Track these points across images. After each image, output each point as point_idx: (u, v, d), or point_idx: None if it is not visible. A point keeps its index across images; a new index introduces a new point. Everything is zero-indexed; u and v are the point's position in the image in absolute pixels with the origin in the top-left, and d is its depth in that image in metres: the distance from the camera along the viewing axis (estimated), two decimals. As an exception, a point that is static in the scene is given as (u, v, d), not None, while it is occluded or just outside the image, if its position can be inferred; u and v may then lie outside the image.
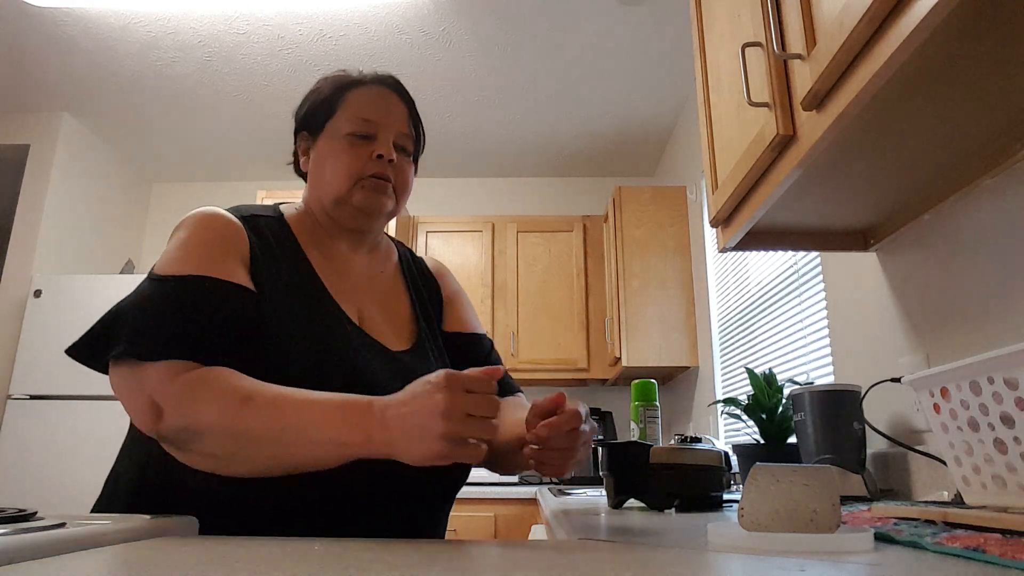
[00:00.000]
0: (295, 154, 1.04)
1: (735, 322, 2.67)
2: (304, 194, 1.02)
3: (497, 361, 1.11)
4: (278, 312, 0.85)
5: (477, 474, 2.95)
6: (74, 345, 0.80)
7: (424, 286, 1.10)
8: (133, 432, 0.88)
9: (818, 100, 0.88)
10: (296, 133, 1.03)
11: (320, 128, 0.98)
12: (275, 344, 0.82)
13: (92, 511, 0.83)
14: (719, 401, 1.68)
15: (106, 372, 0.80)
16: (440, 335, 1.06)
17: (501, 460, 0.95)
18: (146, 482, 0.81)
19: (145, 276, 0.84)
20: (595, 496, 1.62)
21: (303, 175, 1.03)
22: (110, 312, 0.82)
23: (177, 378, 0.73)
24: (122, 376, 0.78)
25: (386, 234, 1.13)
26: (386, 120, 0.98)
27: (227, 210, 0.92)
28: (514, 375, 3.58)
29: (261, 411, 0.71)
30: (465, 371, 0.67)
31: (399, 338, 0.98)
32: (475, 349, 1.08)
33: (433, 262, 1.17)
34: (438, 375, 0.67)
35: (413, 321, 1.03)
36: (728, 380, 2.78)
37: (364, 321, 0.95)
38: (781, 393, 1.49)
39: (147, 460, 0.81)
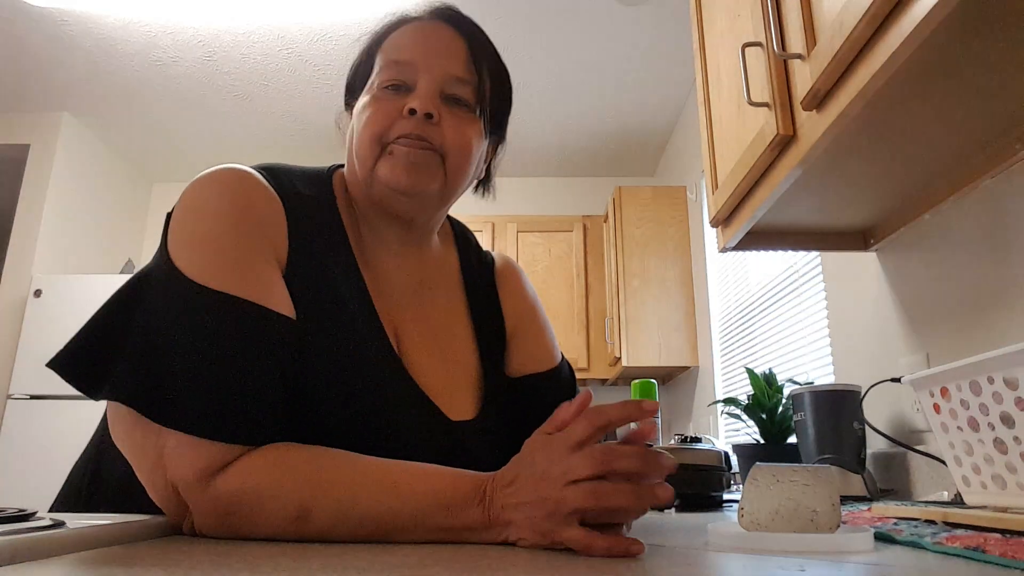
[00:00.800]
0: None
1: (735, 322, 2.67)
2: None
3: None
4: (316, 350, 0.65)
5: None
6: (59, 356, 0.60)
7: (487, 309, 0.84)
8: (100, 438, 0.72)
9: (818, 100, 0.88)
10: (346, 105, 0.80)
11: (360, 91, 0.76)
12: (307, 393, 0.63)
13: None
14: (719, 401, 1.68)
15: (94, 398, 0.60)
16: (504, 381, 0.82)
17: None
18: (104, 500, 0.68)
19: (158, 252, 0.63)
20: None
21: None
22: (114, 305, 0.62)
23: (211, 482, 0.55)
24: (126, 428, 0.59)
25: (450, 218, 0.88)
26: (427, 59, 0.71)
27: (264, 174, 0.69)
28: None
29: (325, 517, 0.54)
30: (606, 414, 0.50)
31: (459, 395, 0.75)
32: (547, 389, 0.82)
33: (502, 264, 0.89)
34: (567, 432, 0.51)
35: (478, 369, 0.78)
36: (728, 380, 2.78)
37: (403, 349, 0.73)
38: (781, 393, 1.49)
39: (100, 469, 0.68)
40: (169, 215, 0.65)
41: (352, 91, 0.78)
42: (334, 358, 0.65)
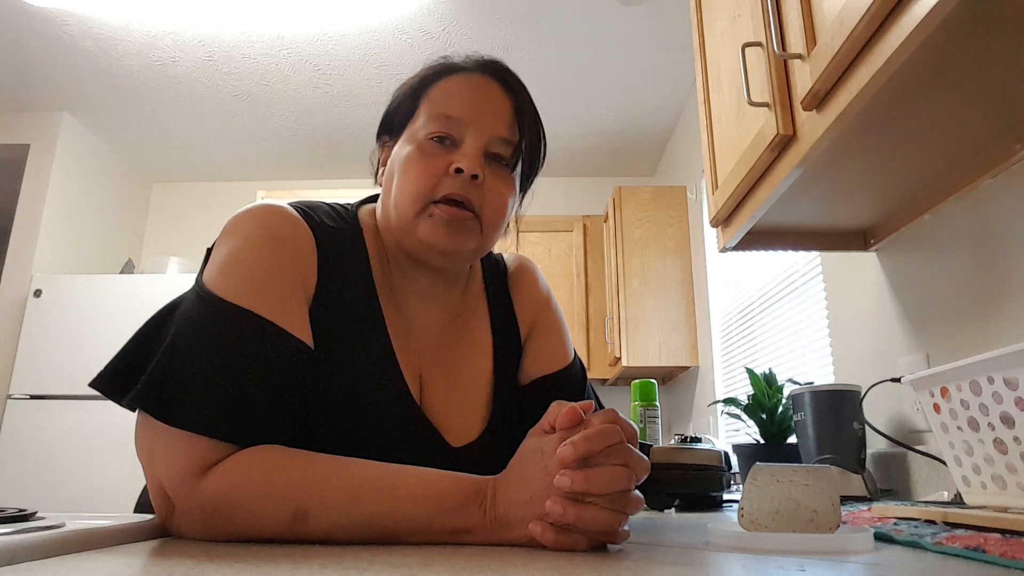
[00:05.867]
0: (376, 163, 0.81)
1: (735, 322, 2.67)
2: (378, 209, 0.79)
3: (590, 398, 0.85)
4: (329, 376, 0.67)
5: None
6: (99, 375, 0.62)
7: (504, 319, 0.84)
8: None
9: (818, 100, 0.88)
10: (378, 137, 0.81)
11: (400, 131, 0.76)
12: (315, 414, 0.65)
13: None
14: (719, 401, 1.68)
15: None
16: (515, 393, 0.82)
17: None
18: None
19: (195, 280, 0.67)
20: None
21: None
22: (149, 323, 0.65)
23: (198, 481, 0.55)
24: (136, 429, 0.61)
25: None
26: (476, 117, 0.72)
27: (297, 209, 0.71)
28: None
29: (323, 518, 0.53)
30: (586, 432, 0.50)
31: (467, 419, 0.75)
32: (557, 391, 0.80)
33: (515, 267, 0.89)
34: (552, 438, 0.53)
35: (490, 387, 0.79)
36: (728, 380, 2.78)
37: (425, 396, 0.73)
38: (781, 393, 1.49)
39: None
40: (209, 250, 0.69)
41: (389, 128, 0.78)
42: (343, 392, 0.67)
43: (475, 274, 0.85)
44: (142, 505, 0.80)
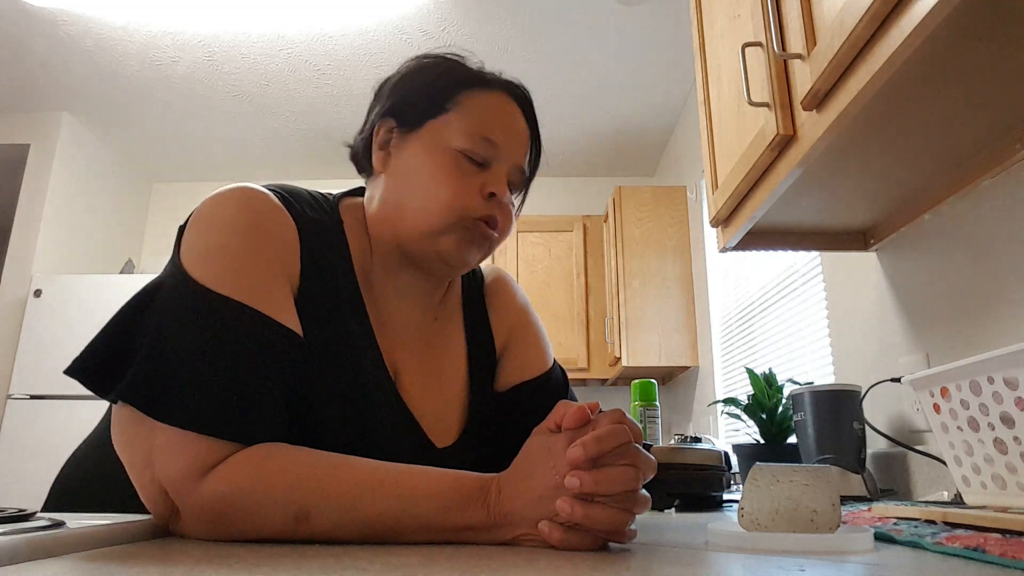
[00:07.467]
0: (366, 139, 0.78)
1: (735, 322, 2.67)
2: (369, 198, 0.77)
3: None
4: (314, 368, 0.65)
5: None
6: (75, 363, 0.60)
7: (479, 329, 0.85)
8: (99, 438, 0.74)
9: (818, 100, 0.88)
10: (380, 115, 0.77)
11: (418, 124, 0.74)
12: (304, 416, 0.64)
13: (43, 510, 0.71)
14: (719, 401, 1.68)
15: (108, 400, 0.60)
16: (491, 402, 0.82)
17: None
18: (106, 494, 0.68)
19: (170, 262, 0.64)
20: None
21: (368, 169, 0.78)
22: (127, 310, 0.62)
23: (200, 482, 0.54)
24: (123, 426, 0.59)
25: None
26: (508, 144, 0.74)
27: (278, 195, 0.69)
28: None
29: (325, 519, 0.53)
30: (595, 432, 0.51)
31: (444, 421, 0.76)
32: (539, 395, 0.82)
33: (491, 279, 0.90)
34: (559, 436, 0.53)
35: (466, 392, 0.79)
36: (728, 380, 2.78)
37: (400, 392, 0.73)
38: (781, 393, 1.49)
39: (111, 468, 0.65)
40: (181, 228, 0.66)
41: (399, 114, 0.75)
42: (334, 385, 0.66)
43: (454, 281, 0.86)
44: (56, 501, 0.76)
